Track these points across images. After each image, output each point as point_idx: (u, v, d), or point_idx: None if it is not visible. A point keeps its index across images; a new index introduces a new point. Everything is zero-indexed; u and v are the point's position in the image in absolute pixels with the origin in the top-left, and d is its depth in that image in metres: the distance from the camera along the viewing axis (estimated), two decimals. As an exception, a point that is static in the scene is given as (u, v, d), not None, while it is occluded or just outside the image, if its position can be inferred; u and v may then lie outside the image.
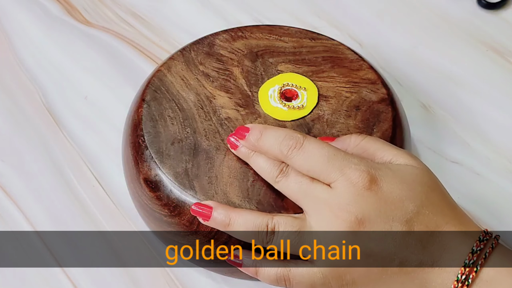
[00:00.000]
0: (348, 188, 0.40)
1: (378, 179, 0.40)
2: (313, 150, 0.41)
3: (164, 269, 0.49)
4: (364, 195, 0.39)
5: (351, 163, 0.40)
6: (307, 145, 0.42)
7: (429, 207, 0.40)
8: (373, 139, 0.44)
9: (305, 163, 0.41)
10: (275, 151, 0.42)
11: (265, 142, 0.43)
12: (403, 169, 0.41)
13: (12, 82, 0.62)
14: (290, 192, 0.42)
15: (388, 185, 0.40)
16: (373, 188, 0.39)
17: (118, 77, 0.62)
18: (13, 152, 0.56)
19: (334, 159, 0.41)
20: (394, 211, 0.39)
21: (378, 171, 0.40)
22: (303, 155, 0.41)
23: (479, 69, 0.61)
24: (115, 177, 0.54)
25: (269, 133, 0.43)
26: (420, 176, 0.41)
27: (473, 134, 0.57)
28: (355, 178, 0.40)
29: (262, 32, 0.54)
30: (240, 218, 0.42)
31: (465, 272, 0.38)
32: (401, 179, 0.40)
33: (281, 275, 0.42)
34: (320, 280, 0.40)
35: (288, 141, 0.42)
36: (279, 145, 0.42)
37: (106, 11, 0.67)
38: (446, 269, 0.39)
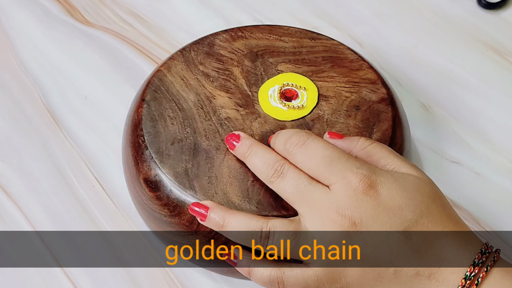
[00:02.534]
0: (347, 192, 0.39)
1: (378, 185, 0.40)
2: (317, 150, 0.41)
3: (164, 269, 0.49)
4: (363, 200, 0.39)
5: (353, 167, 0.40)
6: (311, 143, 0.42)
7: (428, 218, 0.39)
8: (380, 145, 0.43)
9: (307, 160, 0.41)
10: (280, 146, 0.43)
11: (275, 139, 0.44)
12: (405, 178, 0.41)
13: (12, 82, 0.61)
14: (285, 193, 0.41)
15: (388, 192, 0.39)
16: (372, 193, 0.39)
17: (118, 77, 0.62)
18: (13, 152, 0.56)
19: (337, 161, 0.40)
20: (392, 218, 0.39)
21: (379, 177, 0.40)
22: (306, 152, 0.41)
23: (479, 69, 0.61)
24: (115, 177, 0.54)
25: (280, 132, 0.44)
26: (422, 186, 0.40)
27: (473, 134, 0.57)
28: (355, 182, 0.39)
29: (262, 32, 0.54)
30: (234, 220, 0.42)
31: (466, 285, 0.37)
32: (402, 187, 0.40)
33: (275, 277, 0.41)
34: (314, 283, 0.40)
35: (293, 138, 0.42)
36: (285, 142, 0.42)
37: (106, 11, 0.67)
38: (445, 281, 0.38)
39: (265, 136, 0.47)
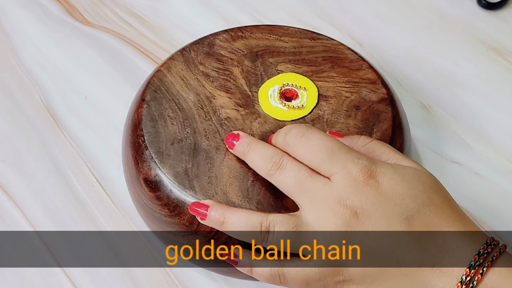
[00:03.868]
0: (348, 182, 0.39)
1: (378, 175, 0.40)
2: (317, 141, 0.41)
3: (164, 269, 0.49)
4: (363, 190, 0.39)
5: (354, 157, 0.40)
6: (311, 135, 0.42)
7: (430, 207, 0.39)
8: (381, 143, 0.44)
9: (307, 152, 0.41)
10: (280, 140, 0.43)
11: (276, 136, 0.44)
12: (405, 169, 0.41)
13: (12, 82, 0.61)
14: (285, 186, 0.41)
15: (388, 181, 0.40)
16: (373, 183, 0.39)
17: (118, 77, 0.62)
18: (13, 152, 0.56)
19: (338, 152, 0.41)
20: (393, 208, 0.39)
21: (380, 168, 0.40)
22: (306, 143, 0.41)
23: (479, 69, 0.61)
24: (115, 177, 0.54)
25: (280, 129, 0.44)
26: (423, 177, 0.41)
27: (473, 134, 0.57)
28: (356, 172, 0.40)
29: (262, 32, 0.54)
30: (235, 217, 0.42)
31: (470, 274, 0.37)
32: (403, 177, 0.40)
33: (276, 272, 0.41)
34: (316, 276, 0.40)
35: (293, 131, 0.42)
36: (285, 135, 0.43)
37: (106, 11, 0.67)
38: (448, 272, 0.37)
39: (265, 136, 0.47)
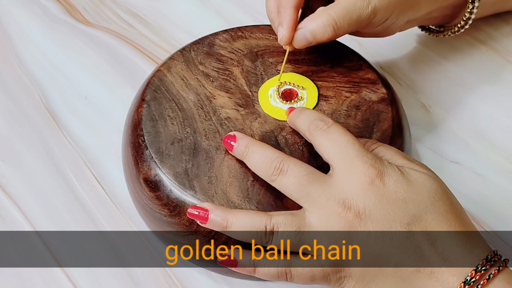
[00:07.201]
0: (353, 181, 0.40)
1: (384, 176, 0.40)
2: (338, 135, 0.42)
3: (164, 269, 0.49)
4: (368, 190, 0.39)
5: (364, 156, 0.40)
6: (334, 129, 0.42)
7: (433, 215, 0.39)
8: (387, 146, 0.44)
9: (325, 144, 0.42)
10: (303, 125, 0.44)
11: (297, 116, 0.45)
12: (412, 173, 0.41)
13: (12, 82, 0.61)
14: (288, 190, 0.41)
15: (393, 184, 0.40)
16: (377, 183, 0.39)
17: (118, 77, 0.62)
18: (13, 152, 0.56)
19: (351, 147, 0.41)
20: (395, 211, 0.39)
21: (387, 169, 0.40)
22: (328, 136, 0.42)
23: (479, 69, 0.61)
24: (115, 177, 0.54)
25: (304, 112, 0.45)
26: (430, 183, 0.40)
27: (473, 134, 0.57)
28: (362, 171, 0.40)
29: (262, 32, 0.54)
30: (237, 219, 0.42)
31: None
32: (408, 181, 0.40)
33: (283, 271, 0.42)
34: (320, 273, 0.41)
35: (319, 122, 0.43)
36: (310, 123, 0.43)
37: (106, 11, 0.67)
38: (444, 283, 0.38)
39: (265, 136, 0.47)
